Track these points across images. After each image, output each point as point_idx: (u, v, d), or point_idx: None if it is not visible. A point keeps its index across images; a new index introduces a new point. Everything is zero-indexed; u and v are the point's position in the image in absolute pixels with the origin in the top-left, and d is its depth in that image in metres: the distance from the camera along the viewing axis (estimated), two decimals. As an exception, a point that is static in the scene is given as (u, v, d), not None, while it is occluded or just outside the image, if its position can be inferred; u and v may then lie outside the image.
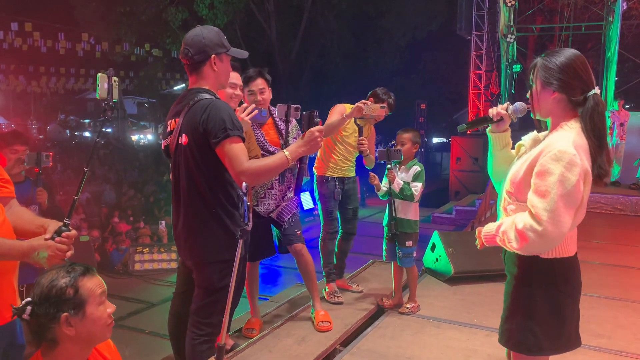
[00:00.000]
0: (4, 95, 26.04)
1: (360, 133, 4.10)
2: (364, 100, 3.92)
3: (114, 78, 2.21)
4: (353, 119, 4.07)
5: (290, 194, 3.73)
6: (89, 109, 34.12)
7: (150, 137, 31.30)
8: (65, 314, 1.54)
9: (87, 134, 29.87)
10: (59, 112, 31.73)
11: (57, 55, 17.22)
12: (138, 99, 32.86)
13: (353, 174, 4.39)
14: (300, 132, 3.78)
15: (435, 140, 28.71)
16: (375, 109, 3.86)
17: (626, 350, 3.46)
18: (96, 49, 17.49)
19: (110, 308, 1.66)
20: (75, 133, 29.41)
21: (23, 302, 1.56)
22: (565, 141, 1.84)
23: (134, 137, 29.76)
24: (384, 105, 4.01)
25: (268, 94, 3.63)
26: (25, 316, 1.55)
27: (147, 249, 7.82)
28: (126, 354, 4.56)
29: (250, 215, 2.65)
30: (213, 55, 2.42)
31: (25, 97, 26.39)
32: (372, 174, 3.94)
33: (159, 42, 18.55)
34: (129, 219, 10.50)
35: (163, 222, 9.49)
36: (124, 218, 10.55)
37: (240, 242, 1.80)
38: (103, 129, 2.44)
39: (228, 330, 3.56)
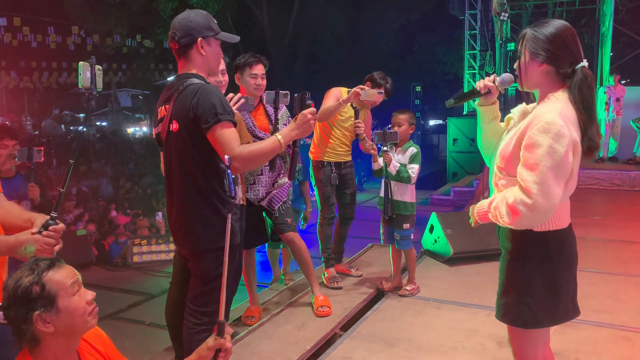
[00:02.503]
0: (-4, 92, 25.87)
1: (357, 116, 4.06)
2: (361, 86, 3.88)
3: (97, 66, 2.15)
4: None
5: (281, 181, 3.69)
6: (83, 103, 33.94)
7: (145, 129, 31.14)
8: (36, 312, 1.48)
9: (82, 128, 29.71)
10: (53, 107, 31.57)
11: (48, 49, 17.09)
12: (132, 91, 32.70)
13: (349, 158, 4.35)
14: (290, 119, 3.73)
15: (432, 122, 28.62)
16: (372, 95, 3.83)
17: (627, 324, 3.45)
18: (87, 42, 17.33)
19: (89, 295, 1.59)
20: (71, 128, 29.26)
21: None
22: (553, 112, 1.81)
23: (130, 130, 29.62)
24: (382, 90, 3.96)
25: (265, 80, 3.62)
26: (1, 321, 1.50)
27: (145, 240, 7.78)
28: (127, 345, 4.55)
29: (237, 189, 2.60)
30: (200, 39, 2.36)
31: (18, 93, 26.19)
32: (373, 144, 3.89)
33: (151, 33, 18.41)
34: (126, 212, 10.48)
35: (160, 214, 9.46)
36: (122, 211, 10.52)
37: (229, 216, 1.75)
38: (86, 118, 2.39)
39: (227, 318, 3.56)
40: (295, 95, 2.50)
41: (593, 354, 3.07)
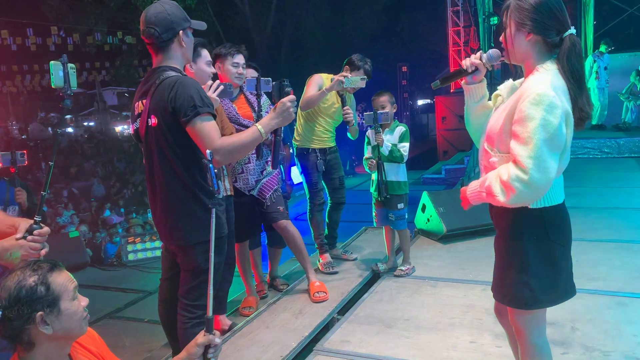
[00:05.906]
0: (-20, 98, 25.55)
1: (344, 103, 4.03)
2: (344, 74, 3.86)
3: (70, 65, 2.11)
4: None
5: (269, 169, 3.67)
6: (68, 104, 33.64)
7: (133, 126, 30.89)
8: (40, 312, 1.47)
9: (69, 129, 29.47)
10: (38, 110, 31.26)
11: (28, 52, 16.84)
12: (117, 89, 32.35)
13: (334, 143, 4.35)
14: (271, 106, 3.70)
15: (420, 102, 28.49)
16: (355, 82, 3.80)
17: (622, 290, 3.47)
18: (67, 41, 17.07)
19: (83, 301, 1.60)
20: (57, 130, 29.03)
21: None
22: (543, 84, 1.76)
23: (118, 129, 29.37)
24: (364, 77, 3.93)
25: None
26: None
27: (139, 238, 7.76)
28: (127, 344, 4.55)
29: (220, 183, 2.59)
30: (180, 31, 2.34)
31: (2, 98, 25.85)
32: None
33: (131, 29, 18.13)
34: (119, 211, 10.43)
35: (153, 210, 9.42)
36: (115, 210, 10.47)
37: (213, 210, 1.74)
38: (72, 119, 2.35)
39: (224, 312, 3.55)
40: (274, 82, 2.47)
41: (589, 321, 3.09)
